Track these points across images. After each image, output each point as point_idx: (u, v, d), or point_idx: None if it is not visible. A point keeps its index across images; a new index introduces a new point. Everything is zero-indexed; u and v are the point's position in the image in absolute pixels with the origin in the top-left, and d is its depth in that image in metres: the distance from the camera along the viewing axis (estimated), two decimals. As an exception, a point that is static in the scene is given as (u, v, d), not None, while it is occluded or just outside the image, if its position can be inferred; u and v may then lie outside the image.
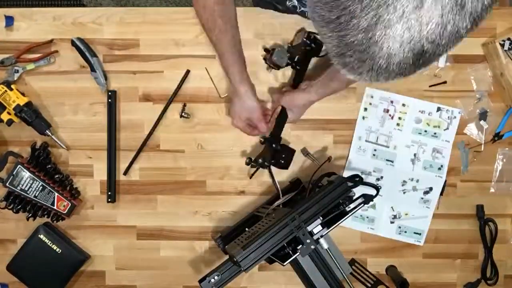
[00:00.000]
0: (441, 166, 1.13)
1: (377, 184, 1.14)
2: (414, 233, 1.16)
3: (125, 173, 1.15)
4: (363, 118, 1.13)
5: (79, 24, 1.12)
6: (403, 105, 1.13)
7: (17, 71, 1.11)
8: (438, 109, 1.13)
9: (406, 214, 1.15)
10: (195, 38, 1.12)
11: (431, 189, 1.14)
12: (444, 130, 1.13)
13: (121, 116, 1.14)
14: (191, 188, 1.16)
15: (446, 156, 1.13)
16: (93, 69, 1.10)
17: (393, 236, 1.16)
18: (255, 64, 1.13)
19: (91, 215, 1.17)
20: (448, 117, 1.13)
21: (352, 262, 1.17)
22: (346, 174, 1.14)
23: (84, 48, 1.10)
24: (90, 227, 1.17)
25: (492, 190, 1.15)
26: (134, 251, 1.18)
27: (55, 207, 1.12)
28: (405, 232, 1.16)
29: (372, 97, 1.13)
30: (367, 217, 1.16)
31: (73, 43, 1.10)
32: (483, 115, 1.13)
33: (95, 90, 1.13)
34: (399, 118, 1.13)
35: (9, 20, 1.11)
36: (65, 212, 1.13)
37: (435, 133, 1.13)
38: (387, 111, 1.13)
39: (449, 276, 1.18)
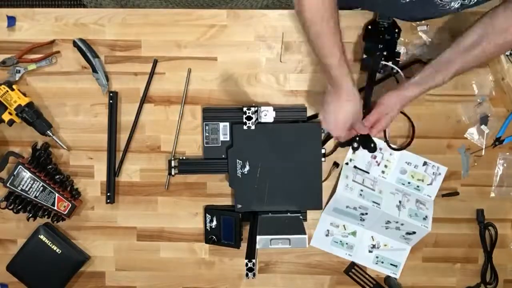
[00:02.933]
0: (426, 216, 1.11)
1: (361, 217, 1.12)
2: (391, 264, 1.16)
3: (117, 174, 1.15)
4: (351, 160, 1.14)
5: (81, 25, 1.12)
6: (391, 154, 1.13)
7: (19, 72, 1.12)
8: (425, 163, 1.13)
9: (385, 245, 1.15)
10: (197, 39, 1.12)
11: (414, 232, 1.12)
12: (428, 185, 1.13)
13: (122, 117, 1.14)
14: (192, 190, 1.16)
15: (429, 208, 1.12)
16: (94, 70, 1.10)
17: (369, 265, 1.16)
18: (256, 66, 1.13)
19: (92, 216, 1.17)
20: (433, 172, 1.13)
21: (351, 265, 1.17)
22: (331, 204, 1.12)
23: (86, 49, 1.10)
24: (91, 228, 1.17)
25: (492, 194, 1.15)
26: (134, 252, 1.18)
27: (55, 208, 1.12)
28: (382, 262, 1.16)
29: None
30: (347, 244, 1.16)
31: (74, 44, 1.10)
32: (484, 120, 1.13)
33: (96, 91, 1.13)
34: (385, 166, 1.13)
35: (11, 21, 1.11)
36: (65, 212, 1.13)
37: (418, 186, 1.13)
38: (375, 157, 1.13)
39: (449, 280, 1.18)
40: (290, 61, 1.13)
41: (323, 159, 1.09)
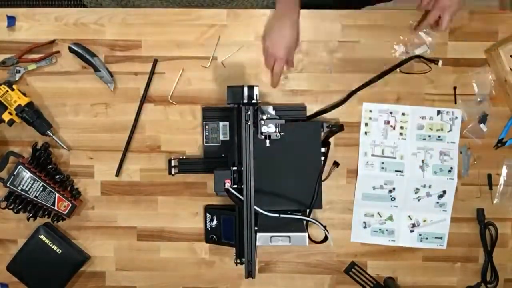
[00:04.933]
0: (451, 168, 1.13)
1: (391, 195, 1.14)
2: (435, 238, 1.16)
3: (117, 174, 1.15)
4: (366, 133, 1.13)
5: (81, 24, 1.12)
6: (403, 114, 1.13)
7: (19, 71, 1.12)
8: (438, 112, 1.13)
9: (425, 221, 1.15)
10: (197, 39, 1.12)
11: (444, 192, 1.14)
12: (448, 132, 1.13)
13: (122, 117, 1.14)
14: (192, 189, 1.16)
15: (454, 158, 1.13)
16: (96, 69, 1.10)
17: (414, 245, 1.16)
18: (257, 66, 1.13)
19: (92, 216, 1.17)
20: (450, 118, 1.13)
21: (352, 265, 1.17)
22: (357, 192, 1.15)
23: (82, 51, 1.10)
24: (91, 228, 1.17)
25: (496, 200, 1.15)
26: (134, 252, 1.18)
27: (55, 208, 1.12)
28: (426, 238, 1.16)
29: (370, 111, 1.13)
30: (386, 230, 1.16)
31: (70, 49, 1.10)
32: (483, 118, 1.13)
33: (97, 90, 1.13)
34: (401, 128, 1.13)
35: (11, 20, 1.12)
36: (65, 212, 1.13)
37: (439, 137, 1.13)
38: (388, 122, 1.13)
39: (449, 279, 1.18)
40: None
41: (322, 158, 1.09)
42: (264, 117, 1.04)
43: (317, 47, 1.13)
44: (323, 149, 1.10)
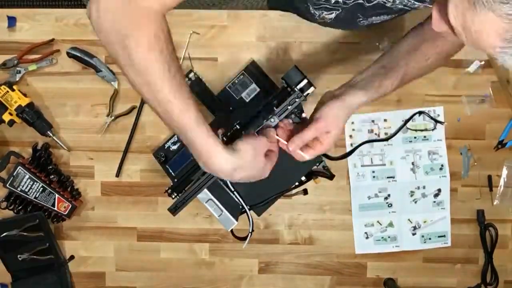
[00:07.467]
0: (442, 165, 1.13)
1: (387, 202, 1.14)
2: (438, 236, 1.16)
3: (117, 175, 1.15)
4: (351, 145, 1.13)
5: (81, 25, 1.12)
6: (385, 120, 1.13)
7: (19, 72, 1.11)
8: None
9: (425, 222, 1.15)
10: (197, 40, 1.12)
11: (439, 190, 1.14)
12: (432, 130, 1.13)
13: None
14: (192, 190, 1.16)
15: (443, 155, 1.13)
16: (98, 70, 1.10)
17: (419, 247, 1.16)
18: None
19: (92, 216, 1.17)
20: (432, 117, 1.13)
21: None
22: (354, 204, 1.15)
23: (81, 55, 1.10)
24: (91, 228, 1.17)
25: (496, 202, 1.15)
26: (134, 253, 1.18)
27: (55, 208, 1.12)
28: (430, 239, 1.16)
29: (352, 123, 1.13)
30: (389, 237, 1.16)
31: (69, 54, 1.10)
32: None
33: (97, 91, 1.13)
34: (386, 134, 1.13)
35: (12, 21, 1.11)
36: (65, 213, 1.13)
37: (425, 137, 1.13)
38: (372, 131, 1.13)
39: (449, 280, 1.18)
40: (290, 61, 1.13)
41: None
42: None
43: (317, 47, 1.13)
44: None
